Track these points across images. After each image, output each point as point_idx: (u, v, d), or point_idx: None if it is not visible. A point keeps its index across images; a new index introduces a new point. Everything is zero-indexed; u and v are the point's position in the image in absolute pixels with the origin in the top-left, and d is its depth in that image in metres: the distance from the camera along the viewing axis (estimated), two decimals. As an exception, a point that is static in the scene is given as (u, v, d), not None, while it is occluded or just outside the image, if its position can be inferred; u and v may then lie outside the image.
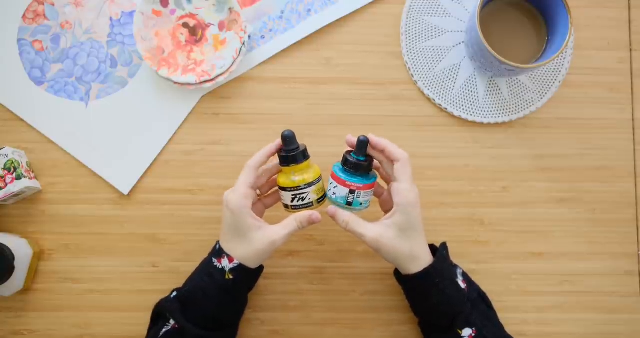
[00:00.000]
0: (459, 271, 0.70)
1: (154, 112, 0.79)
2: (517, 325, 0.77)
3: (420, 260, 0.67)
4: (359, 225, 0.67)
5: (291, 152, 0.67)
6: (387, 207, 0.71)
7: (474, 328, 0.66)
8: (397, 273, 0.71)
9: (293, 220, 0.67)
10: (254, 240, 0.65)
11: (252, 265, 0.67)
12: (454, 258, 0.72)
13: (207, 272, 0.67)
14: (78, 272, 0.77)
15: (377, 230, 0.66)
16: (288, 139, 0.67)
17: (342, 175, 0.67)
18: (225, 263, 0.66)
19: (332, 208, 0.68)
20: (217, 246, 0.68)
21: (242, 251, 0.66)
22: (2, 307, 0.76)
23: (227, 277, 0.66)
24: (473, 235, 0.78)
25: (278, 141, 0.68)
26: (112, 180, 0.78)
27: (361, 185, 0.66)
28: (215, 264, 0.67)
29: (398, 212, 0.66)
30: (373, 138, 0.67)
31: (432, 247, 0.70)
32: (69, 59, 0.79)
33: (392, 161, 0.67)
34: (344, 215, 0.67)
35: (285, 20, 0.79)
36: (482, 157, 0.79)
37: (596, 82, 0.80)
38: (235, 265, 0.66)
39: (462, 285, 0.68)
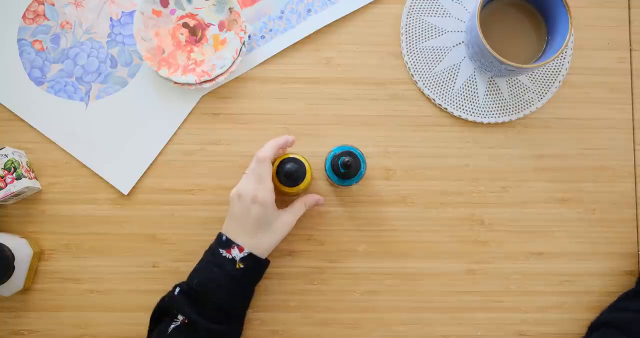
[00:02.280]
0: None
1: (154, 112, 0.79)
2: (517, 325, 0.77)
3: None
4: None
5: (293, 182, 0.71)
6: None
7: None
8: None
9: (302, 205, 0.72)
10: (278, 228, 0.70)
11: (267, 253, 0.70)
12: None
13: (216, 263, 0.68)
14: (78, 272, 0.77)
15: None
16: (292, 175, 0.70)
17: (327, 164, 0.72)
18: (235, 253, 0.67)
19: None
20: (224, 237, 0.69)
21: (266, 240, 0.69)
22: (2, 307, 0.76)
23: (237, 266, 0.67)
24: (473, 235, 0.78)
25: (285, 137, 0.71)
26: (112, 180, 0.77)
27: (334, 183, 0.73)
28: (224, 255, 0.67)
29: None
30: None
31: None
32: (69, 59, 0.79)
33: None
34: None
35: (285, 20, 0.79)
36: (482, 157, 0.79)
37: (596, 82, 0.80)
38: (246, 254, 0.67)
39: None
